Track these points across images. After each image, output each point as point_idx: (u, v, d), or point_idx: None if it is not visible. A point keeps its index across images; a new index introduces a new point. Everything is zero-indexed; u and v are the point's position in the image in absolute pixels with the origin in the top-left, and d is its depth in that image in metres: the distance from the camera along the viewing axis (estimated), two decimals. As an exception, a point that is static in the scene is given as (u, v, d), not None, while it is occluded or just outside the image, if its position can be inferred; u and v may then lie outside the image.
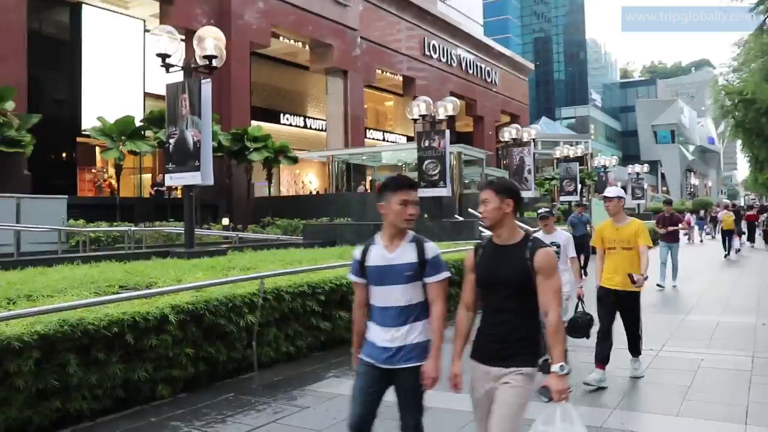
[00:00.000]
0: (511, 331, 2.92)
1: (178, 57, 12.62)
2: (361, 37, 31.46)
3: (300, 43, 31.24)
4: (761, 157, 51.35)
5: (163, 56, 12.16)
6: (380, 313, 3.18)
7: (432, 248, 3.17)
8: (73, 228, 14.74)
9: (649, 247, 6.00)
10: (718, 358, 6.88)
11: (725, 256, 20.47)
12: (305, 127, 35.67)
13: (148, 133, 19.05)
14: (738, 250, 22.19)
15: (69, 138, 24.45)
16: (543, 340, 2.96)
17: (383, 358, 3.15)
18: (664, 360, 6.87)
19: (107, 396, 5.28)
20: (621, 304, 5.96)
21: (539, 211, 6.67)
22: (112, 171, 26.51)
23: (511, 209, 2.97)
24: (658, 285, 12.44)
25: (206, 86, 12.41)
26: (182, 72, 12.70)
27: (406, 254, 3.14)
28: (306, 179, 36.60)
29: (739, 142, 58.65)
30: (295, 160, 22.08)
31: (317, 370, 6.69)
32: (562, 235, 6.60)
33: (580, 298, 6.12)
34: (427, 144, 19.29)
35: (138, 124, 18.71)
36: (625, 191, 58.32)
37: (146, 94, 26.28)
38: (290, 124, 35.12)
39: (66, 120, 24.23)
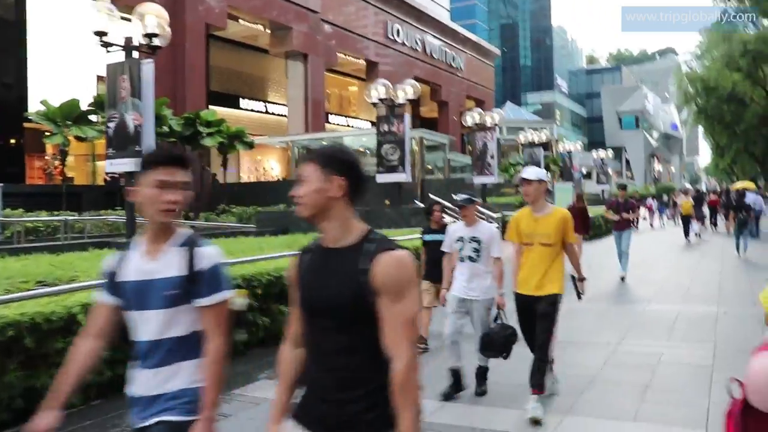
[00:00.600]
0: (345, 382, 1.85)
1: (119, 36, 11.87)
2: (323, 20, 30.70)
3: (260, 26, 30.37)
4: (722, 143, 52.12)
5: (100, 34, 11.42)
6: (140, 349, 2.24)
7: (209, 255, 2.21)
8: (5, 218, 13.91)
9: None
10: (679, 353, 6.52)
11: (686, 239, 20.95)
12: (266, 112, 34.84)
13: (97, 117, 18.18)
14: (698, 234, 22.29)
15: (15, 123, 23.40)
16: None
17: (136, 413, 2.23)
18: (621, 355, 6.48)
19: (4, 408, 4.70)
20: (535, 311, 4.70)
21: (457, 196, 5.39)
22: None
23: (342, 192, 1.94)
24: (621, 278, 11.98)
25: (147, 67, 11.72)
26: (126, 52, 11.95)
27: (170, 264, 2.19)
28: (267, 165, 35.83)
29: (701, 128, 59.55)
30: (251, 146, 21.37)
31: (250, 371, 6.17)
32: (485, 228, 5.28)
33: (500, 308, 5.06)
34: (386, 128, 18.78)
35: (85, 108, 17.82)
36: (590, 177, 58.80)
37: (99, 78, 25.28)
38: (250, 110, 34.26)
39: (12, 104, 23.18)
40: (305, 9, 29.40)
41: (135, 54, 12.12)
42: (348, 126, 37.23)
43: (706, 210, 25.60)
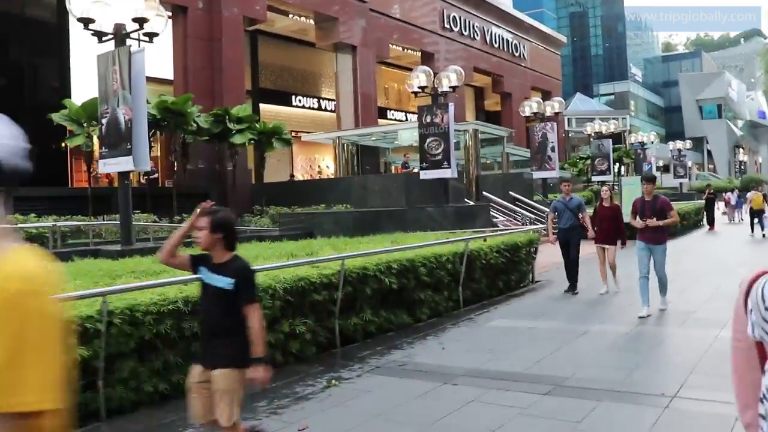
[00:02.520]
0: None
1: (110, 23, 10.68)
2: (371, 10, 29.23)
3: (311, 20, 29.19)
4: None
5: (86, 21, 10.26)
6: None
7: None
8: None
9: None
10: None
11: (751, 235, 21.28)
12: (319, 108, 33.71)
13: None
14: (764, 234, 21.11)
15: (61, 126, 23.00)
16: None
17: None
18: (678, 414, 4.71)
19: None
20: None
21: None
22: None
23: None
24: (639, 317, 8.39)
25: (138, 56, 10.52)
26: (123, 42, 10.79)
27: None
28: (323, 164, 34.73)
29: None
30: (288, 143, 20.16)
31: (176, 423, 4.76)
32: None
33: None
34: (428, 119, 17.14)
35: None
36: (668, 170, 55.23)
37: (147, 78, 24.65)
38: (303, 106, 33.20)
39: (57, 107, 22.75)
40: (352, -1, 28.05)
41: (136, 45, 10.98)
42: (407, 121, 35.59)
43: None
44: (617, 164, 48.38)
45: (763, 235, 20.84)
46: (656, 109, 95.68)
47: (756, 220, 21.40)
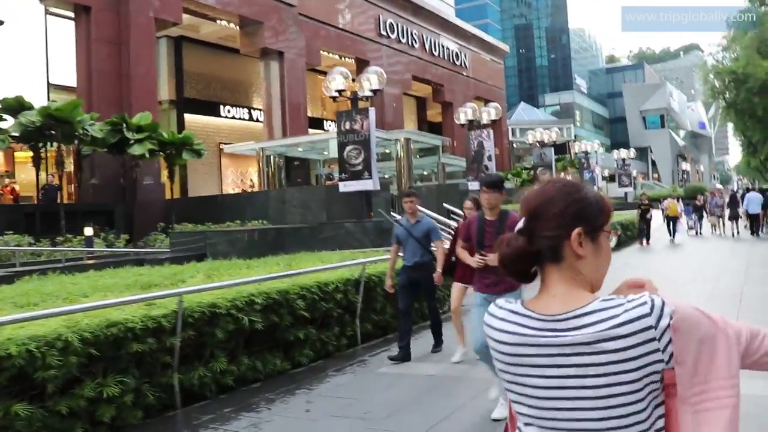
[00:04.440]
0: None
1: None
2: (300, 14, 27.68)
3: (237, 26, 27.48)
4: (754, 139, 48.15)
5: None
6: None
7: None
8: None
9: None
10: None
11: (671, 241, 22.16)
12: (251, 119, 31.98)
13: (7, 124, 15.33)
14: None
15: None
16: None
17: None
18: None
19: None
20: None
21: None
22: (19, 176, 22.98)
23: None
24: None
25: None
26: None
27: None
28: (256, 177, 32.97)
29: (731, 125, 55.60)
30: (199, 154, 18.38)
31: None
32: None
33: None
34: (347, 126, 15.60)
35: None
36: (613, 179, 55.01)
37: (51, 86, 22.59)
38: (233, 117, 31.44)
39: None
40: (277, 1, 26.43)
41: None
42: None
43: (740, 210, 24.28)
44: (562, 174, 47.93)
45: (672, 241, 22.22)
46: (601, 119, 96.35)
47: (671, 226, 22.79)
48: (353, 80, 16.13)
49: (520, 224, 1.48)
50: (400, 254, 7.29)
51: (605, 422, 1.35)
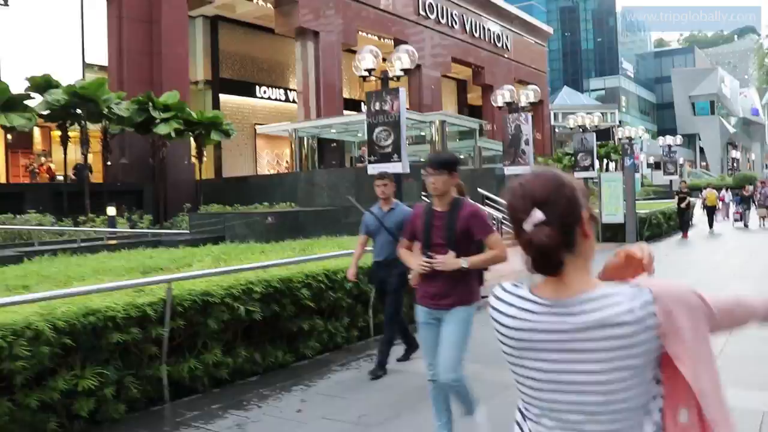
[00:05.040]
0: None
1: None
2: (336, -8, 27.16)
3: (272, 5, 27.08)
4: (810, 127, 46.21)
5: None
6: None
7: None
8: None
9: None
10: None
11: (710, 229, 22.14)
12: (287, 100, 31.69)
13: (35, 102, 15.21)
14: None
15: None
16: None
17: None
18: None
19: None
20: None
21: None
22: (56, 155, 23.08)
23: None
24: None
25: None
26: None
27: None
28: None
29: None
30: (227, 134, 18.07)
31: None
32: None
33: None
34: (377, 107, 14.99)
35: (16, 92, 14.84)
36: (659, 167, 53.36)
37: (87, 65, 22.59)
38: (268, 98, 31.19)
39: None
40: (315, -20, 25.95)
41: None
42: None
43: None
44: (605, 160, 46.56)
45: (710, 232, 22.05)
46: (648, 105, 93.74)
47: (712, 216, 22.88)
48: (384, 59, 15.56)
49: (538, 215, 1.43)
50: (369, 248, 6.28)
51: (607, 406, 1.41)
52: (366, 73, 15.18)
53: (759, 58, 49.61)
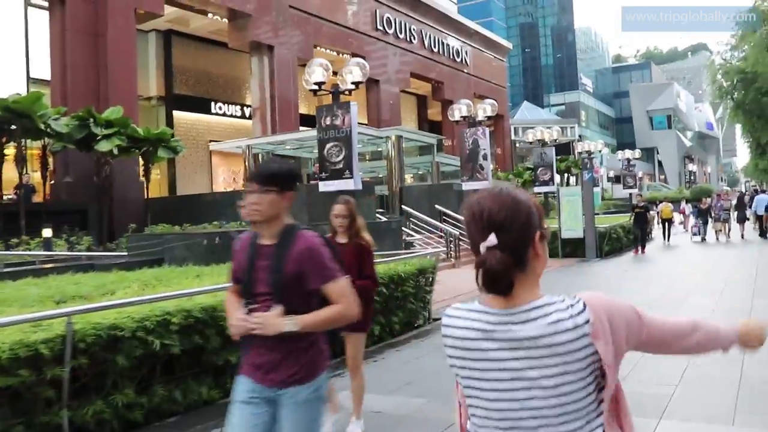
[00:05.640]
0: None
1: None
2: (291, 6, 26.70)
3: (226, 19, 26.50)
4: (763, 141, 47.00)
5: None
6: None
7: None
8: None
9: None
10: None
11: (665, 243, 23.15)
12: (243, 116, 31.02)
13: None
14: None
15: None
16: None
17: None
18: None
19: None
20: None
21: None
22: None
23: None
24: None
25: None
26: None
27: None
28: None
29: (739, 126, 54.50)
30: (175, 151, 17.42)
31: None
32: None
33: None
34: (328, 122, 14.58)
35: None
36: (619, 180, 53.88)
37: (31, 80, 21.73)
38: (224, 114, 30.50)
39: None
40: (268, -7, 25.48)
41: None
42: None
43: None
44: (566, 175, 46.74)
45: (666, 244, 23.13)
46: (607, 119, 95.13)
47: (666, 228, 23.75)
48: (335, 73, 15.14)
49: (492, 239, 1.52)
50: None
51: (558, 408, 1.50)
52: (316, 87, 14.75)
53: (711, 74, 50.55)
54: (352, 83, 14.53)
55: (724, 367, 5.92)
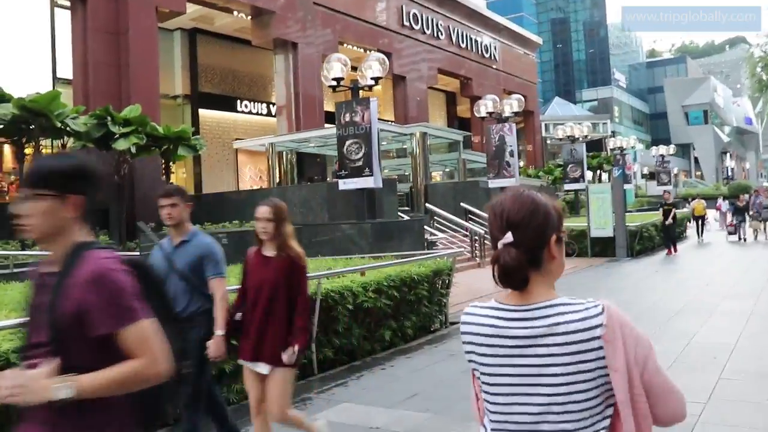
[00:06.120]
0: None
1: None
2: (315, 3, 26.41)
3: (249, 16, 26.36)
4: (804, 135, 45.71)
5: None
6: None
7: None
8: None
9: None
10: None
11: (699, 241, 23.14)
12: (269, 114, 30.86)
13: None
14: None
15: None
16: None
17: None
18: None
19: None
20: None
21: None
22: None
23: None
24: None
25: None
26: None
27: None
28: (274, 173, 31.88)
29: (779, 120, 52.99)
30: (195, 150, 17.24)
31: None
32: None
33: None
34: (347, 118, 14.27)
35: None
36: (653, 177, 52.67)
37: (58, 79, 21.80)
38: (250, 112, 30.38)
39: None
40: (293, -10, 25.23)
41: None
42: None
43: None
44: (598, 171, 45.78)
45: (700, 241, 23.14)
46: (641, 115, 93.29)
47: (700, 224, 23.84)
48: (354, 68, 14.79)
49: (508, 237, 1.58)
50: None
51: (566, 406, 1.54)
52: (334, 83, 14.43)
53: (751, 67, 49.23)
54: (372, 78, 14.18)
55: (756, 382, 5.42)
